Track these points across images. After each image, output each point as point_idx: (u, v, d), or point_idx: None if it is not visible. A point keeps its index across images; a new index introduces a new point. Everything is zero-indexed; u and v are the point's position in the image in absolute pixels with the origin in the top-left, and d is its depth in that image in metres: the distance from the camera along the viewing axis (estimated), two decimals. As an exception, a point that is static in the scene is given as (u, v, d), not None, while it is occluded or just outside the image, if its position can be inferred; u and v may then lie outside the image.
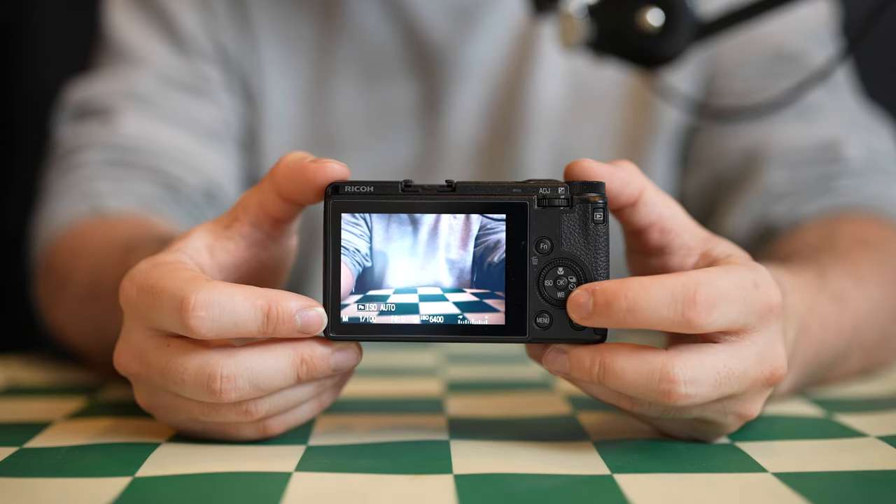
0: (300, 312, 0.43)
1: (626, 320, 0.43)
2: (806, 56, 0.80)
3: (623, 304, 0.43)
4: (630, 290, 0.43)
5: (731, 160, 0.81)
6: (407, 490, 0.42)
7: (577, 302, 0.44)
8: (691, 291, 0.43)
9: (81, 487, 0.42)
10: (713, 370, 0.44)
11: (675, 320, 0.43)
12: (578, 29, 0.67)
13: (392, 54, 0.85)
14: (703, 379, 0.43)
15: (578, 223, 0.46)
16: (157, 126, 0.81)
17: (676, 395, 0.43)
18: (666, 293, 0.43)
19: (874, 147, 0.78)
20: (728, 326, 0.44)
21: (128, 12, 0.86)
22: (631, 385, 0.44)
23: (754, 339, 0.45)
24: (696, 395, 0.43)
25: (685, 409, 0.45)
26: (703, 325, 0.43)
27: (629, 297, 0.43)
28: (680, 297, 0.43)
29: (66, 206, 0.78)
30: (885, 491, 0.42)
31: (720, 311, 0.43)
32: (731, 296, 0.44)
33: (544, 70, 0.84)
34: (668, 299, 0.43)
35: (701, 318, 0.43)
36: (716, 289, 0.43)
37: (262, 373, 0.44)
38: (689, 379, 0.43)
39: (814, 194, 0.76)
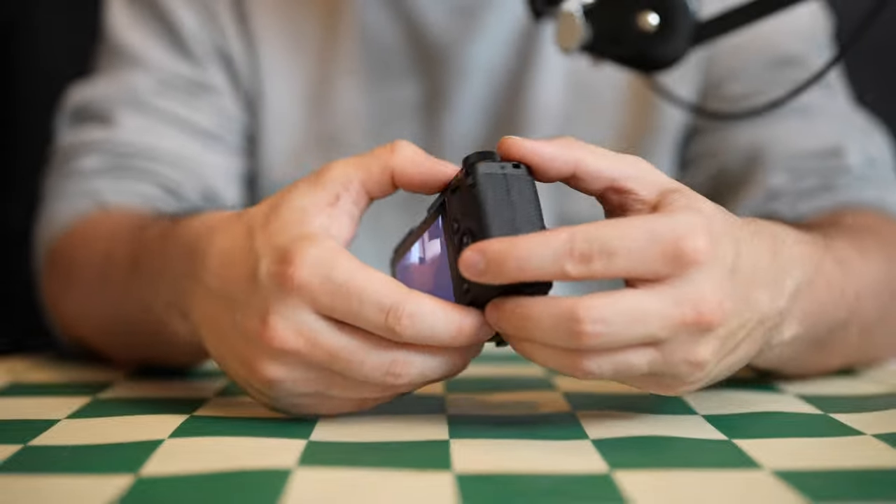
0: (479, 329, 0.47)
1: (517, 277, 0.45)
2: (805, 61, 0.81)
3: (512, 264, 0.45)
4: (517, 249, 0.45)
5: (733, 160, 0.81)
6: (407, 487, 0.42)
7: (468, 261, 0.46)
8: (567, 245, 0.45)
9: (85, 485, 0.43)
10: (623, 308, 0.45)
11: (559, 276, 0.45)
12: (577, 31, 0.67)
13: (395, 53, 0.85)
14: (612, 317, 0.44)
15: (468, 193, 0.47)
16: (157, 130, 0.81)
17: (585, 335, 0.44)
18: (548, 250, 0.45)
19: (872, 154, 0.78)
20: (624, 274, 0.45)
21: (128, 14, 0.86)
22: (544, 330, 0.45)
23: (672, 283, 0.46)
24: (606, 332, 0.44)
25: (610, 350, 0.46)
26: (577, 275, 0.45)
27: (516, 255, 0.45)
28: (560, 252, 0.44)
29: (67, 206, 0.78)
30: (880, 488, 0.43)
31: (602, 263, 0.45)
32: (613, 248, 0.45)
33: (547, 70, 0.85)
34: (550, 255, 0.45)
35: (576, 270, 0.45)
36: (594, 239, 0.45)
37: (431, 368, 0.48)
38: (597, 318, 0.44)
39: (815, 194, 0.76)
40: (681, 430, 0.51)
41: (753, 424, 0.52)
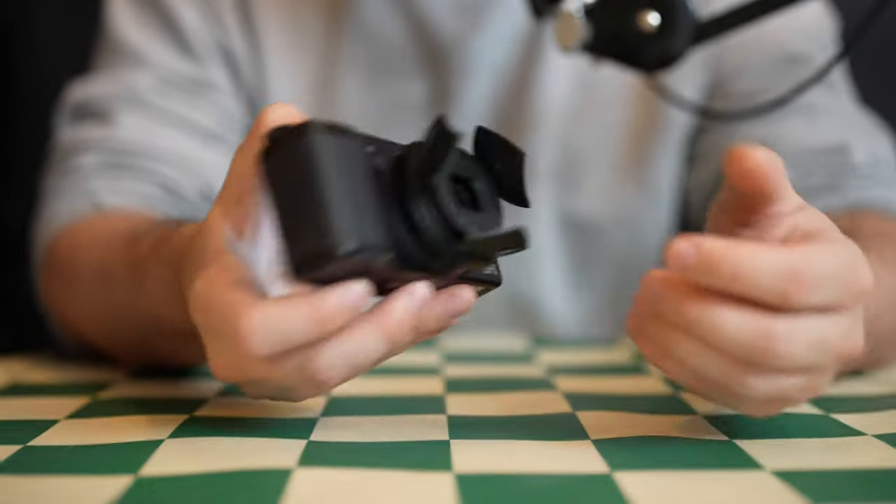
0: (345, 298, 0.43)
1: (727, 283, 0.43)
2: (811, 59, 0.81)
3: (727, 268, 0.42)
4: (737, 254, 0.43)
5: None
6: (407, 487, 0.42)
7: (680, 252, 0.43)
8: (797, 269, 0.43)
9: (85, 486, 0.43)
10: (811, 331, 0.43)
11: (777, 295, 0.43)
12: (577, 30, 0.67)
13: (400, 51, 0.85)
14: (802, 338, 0.43)
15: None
16: (156, 128, 0.81)
17: (775, 355, 0.43)
18: (773, 266, 0.43)
19: (877, 153, 0.78)
20: (822, 306, 0.44)
21: (129, 11, 0.85)
22: (731, 335, 0.43)
23: (845, 315, 0.45)
24: (794, 353, 0.43)
25: (780, 372, 0.44)
26: (803, 303, 0.43)
27: (734, 260, 0.42)
28: (786, 274, 0.43)
29: (65, 205, 0.78)
30: (882, 489, 0.43)
31: (820, 293, 0.43)
32: (832, 277, 0.43)
33: (551, 67, 0.84)
34: (773, 273, 0.43)
35: (801, 298, 0.43)
36: (821, 270, 0.43)
37: (357, 353, 0.45)
38: (790, 340, 0.43)
39: (821, 193, 0.76)
40: (682, 430, 0.51)
41: (754, 425, 0.52)
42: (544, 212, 0.86)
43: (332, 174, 0.43)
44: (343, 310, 0.43)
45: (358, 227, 0.43)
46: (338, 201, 0.43)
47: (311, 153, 0.43)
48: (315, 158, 0.43)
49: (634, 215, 0.86)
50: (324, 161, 0.43)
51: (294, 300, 0.44)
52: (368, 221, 0.44)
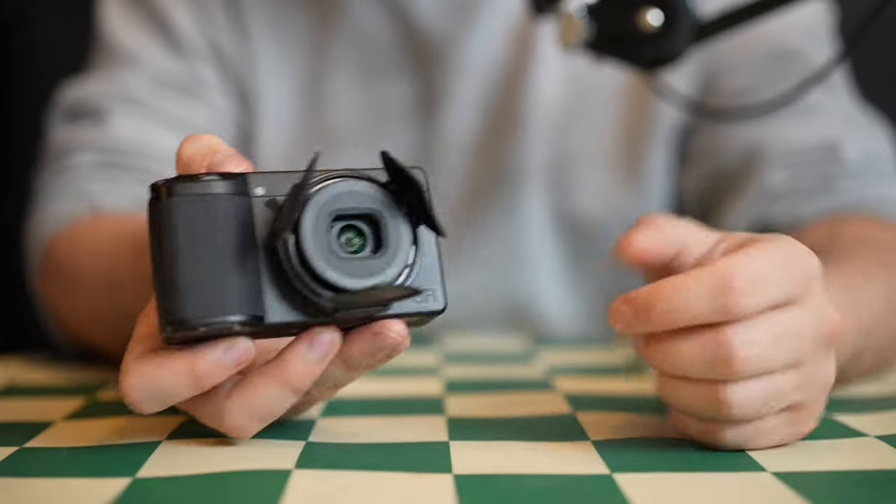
0: (226, 355, 0.43)
1: (667, 321, 0.43)
2: (804, 55, 0.81)
3: (661, 308, 0.43)
4: (664, 292, 0.43)
5: (731, 158, 0.81)
6: (407, 489, 0.42)
7: (618, 314, 0.44)
8: (726, 279, 0.43)
9: (82, 488, 0.42)
10: (767, 327, 0.43)
11: (717, 311, 0.43)
12: (578, 29, 0.67)
13: (389, 50, 0.85)
14: (759, 338, 0.43)
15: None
16: (150, 128, 0.81)
17: (736, 362, 0.43)
18: (701, 286, 0.43)
19: (871, 149, 0.78)
20: (771, 303, 0.44)
21: (122, 12, 0.85)
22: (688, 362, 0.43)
23: (802, 304, 0.45)
24: (757, 355, 0.43)
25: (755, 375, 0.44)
26: (745, 307, 0.43)
27: (663, 298, 0.43)
28: (716, 287, 0.43)
29: (62, 206, 0.77)
30: (884, 490, 0.42)
31: (760, 292, 0.43)
32: (766, 274, 0.43)
33: (542, 66, 0.84)
34: (704, 292, 0.43)
35: (742, 303, 0.43)
36: (750, 270, 0.43)
37: (262, 407, 0.45)
38: (745, 343, 0.43)
39: (813, 195, 0.76)
40: (682, 431, 0.51)
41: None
42: (538, 211, 0.86)
43: (180, 242, 0.42)
44: (221, 367, 0.43)
45: (204, 298, 0.42)
46: (184, 273, 0.42)
47: (163, 217, 0.43)
48: (165, 223, 0.43)
49: (628, 214, 0.86)
50: (173, 227, 0.42)
51: (172, 356, 0.43)
52: (223, 291, 0.42)
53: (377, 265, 0.44)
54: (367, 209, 0.44)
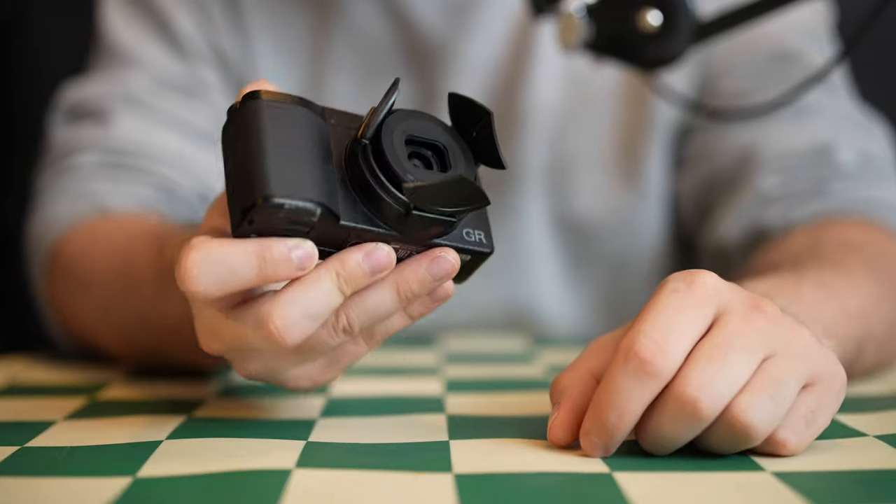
0: (293, 251, 0.44)
1: (627, 422, 0.44)
2: (803, 56, 0.80)
3: (612, 418, 0.44)
4: (603, 403, 0.44)
5: (725, 160, 0.81)
6: (407, 488, 0.42)
7: (592, 448, 0.46)
8: (632, 358, 0.44)
9: (83, 487, 0.42)
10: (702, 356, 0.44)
11: (651, 387, 0.44)
12: (578, 30, 0.67)
13: (387, 51, 0.85)
14: (704, 371, 0.43)
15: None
16: (152, 129, 0.81)
17: (700, 403, 0.43)
18: (624, 377, 0.44)
19: (868, 150, 0.78)
20: (689, 345, 0.44)
21: (123, 13, 0.85)
22: (671, 427, 0.44)
23: (719, 323, 0.45)
24: (711, 394, 0.43)
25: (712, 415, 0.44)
26: (666, 369, 0.43)
27: (606, 409, 0.44)
28: (633, 369, 0.43)
29: (66, 206, 0.77)
30: (883, 490, 0.42)
31: (669, 343, 0.44)
32: (671, 326, 0.44)
33: (541, 67, 0.84)
34: (630, 381, 0.44)
35: (659, 365, 0.43)
36: (645, 333, 0.44)
37: (311, 302, 0.45)
38: (698, 385, 0.43)
39: (806, 198, 0.76)
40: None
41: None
42: (537, 213, 0.86)
43: (268, 134, 0.44)
44: (287, 260, 0.44)
45: (290, 181, 0.43)
46: (271, 158, 0.44)
47: (250, 115, 0.45)
48: (252, 119, 0.45)
49: (626, 215, 0.86)
50: (261, 122, 0.44)
51: (239, 241, 0.44)
52: (307, 179, 0.44)
53: None
54: (435, 140, 0.48)
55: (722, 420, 0.44)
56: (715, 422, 0.44)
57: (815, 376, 0.46)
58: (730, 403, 0.43)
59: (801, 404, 0.45)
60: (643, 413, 0.45)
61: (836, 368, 0.47)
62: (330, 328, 0.47)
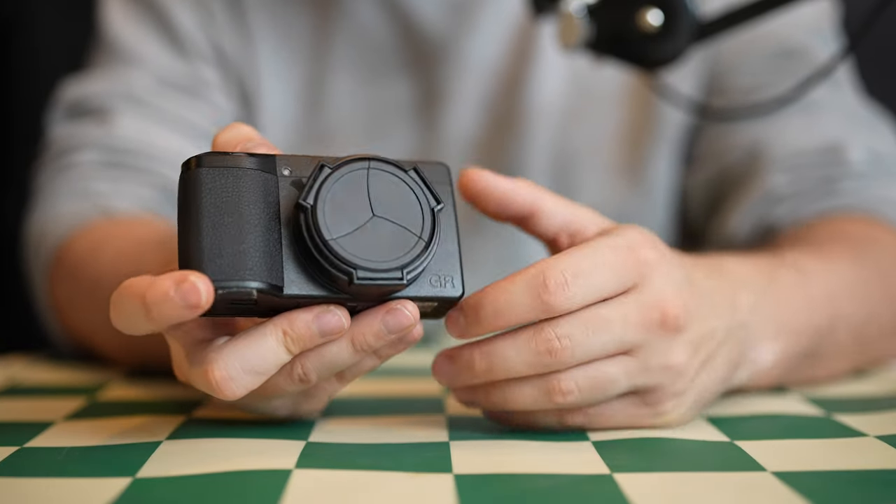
0: (177, 287, 0.41)
1: (496, 323, 0.47)
2: (808, 52, 0.80)
3: (488, 310, 0.46)
4: (489, 295, 0.47)
5: (735, 157, 0.81)
6: (407, 488, 0.42)
7: (451, 320, 0.48)
8: (541, 278, 0.46)
9: (82, 488, 0.42)
10: (584, 319, 0.46)
11: (537, 309, 0.46)
12: (578, 29, 0.67)
13: (389, 51, 0.85)
14: (574, 330, 0.46)
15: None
16: (153, 128, 0.81)
17: (554, 351, 0.46)
18: (520, 287, 0.46)
19: (877, 148, 0.78)
20: (595, 297, 0.47)
21: (124, 11, 0.85)
22: (512, 360, 0.47)
23: (632, 293, 0.48)
24: (576, 345, 0.46)
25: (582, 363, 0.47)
26: (562, 305, 0.46)
27: (489, 301, 0.46)
28: (534, 287, 0.46)
29: (67, 206, 0.77)
30: (883, 490, 0.42)
31: (576, 288, 0.46)
32: (585, 270, 0.46)
33: (544, 66, 0.84)
34: (524, 292, 0.46)
35: (558, 300, 0.46)
36: (565, 267, 0.46)
37: (253, 358, 0.44)
38: (561, 333, 0.46)
39: (815, 197, 0.76)
40: (682, 431, 0.51)
41: (755, 426, 0.52)
42: None
43: (204, 208, 0.43)
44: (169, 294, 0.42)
45: (225, 261, 0.43)
46: (207, 237, 0.43)
47: (190, 186, 0.44)
48: (192, 191, 0.44)
49: (631, 215, 0.86)
50: (200, 194, 0.44)
51: (139, 280, 0.43)
52: (244, 257, 0.43)
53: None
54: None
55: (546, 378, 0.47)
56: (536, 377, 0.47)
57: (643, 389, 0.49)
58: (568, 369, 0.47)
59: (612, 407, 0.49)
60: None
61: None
62: (286, 376, 0.46)
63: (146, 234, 0.69)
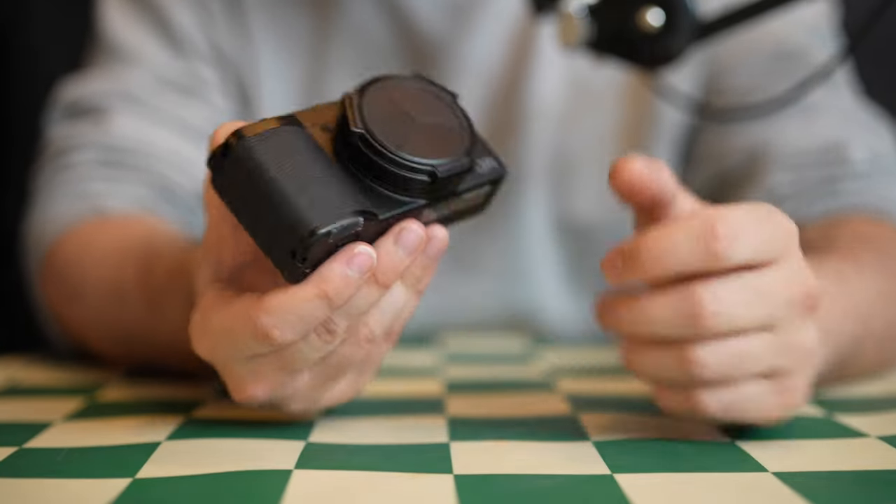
0: (350, 266, 0.43)
1: (654, 269, 0.45)
2: (807, 53, 0.80)
3: (649, 254, 0.45)
4: (651, 240, 0.45)
5: (735, 159, 0.81)
6: (407, 489, 0.42)
7: (609, 263, 0.46)
8: (710, 226, 0.44)
9: (81, 488, 0.42)
10: (740, 284, 0.45)
11: (701, 257, 0.44)
12: (578, 29, 0.67)
13: (388, 52, 0.85)
14: (730, 294, 0.44)
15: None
16: (151, 128, 0.81)
17: (705, 317, 0.44)
18: (686, 233, 0.44)
19: (877, 148, 0.78)
20: (753, 257, 0.45)
21: (122, 11, 0.85)
22: (660, 318, 0.45)
23: (780, 264, 0.46)
24: (727, 311, 0.44)
25: (723, 335, 0.45)
26: (729, 255, 0.44)
27: (650, 245, 0.45)
28: (701, 234, 0.44)
29: (63, 206, 0.77)
30: (885, 491, 0.42)
31: (743, 242, 0.44)
32: (749, 226, 0.45)
33: (543, 67, 0.84)
34: (689, 239, 0.44)
35: (726, 250, 0.44)
36: (734, 220, 0.45)
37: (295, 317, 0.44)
38: (715, 299, 0.44)
39: (817, 197, 0.76)
40: (683, 432, 0.51)
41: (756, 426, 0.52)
42: (538, 215, 0.86)
43: (272, 169, 0.43)
44: (348, 280, 0.43)
45: (321, 205, 0.43)
46: (291, 191, 0.43)
47: (244, 158, 0.44)
48: (248, 161, 0.44)
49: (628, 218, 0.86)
50: (259, 160, 0.44)
51: (298, 289, 0.44)
52: (332, 195, 0.44)
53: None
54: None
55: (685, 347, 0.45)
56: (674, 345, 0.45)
57: (776, 374, 0.47)
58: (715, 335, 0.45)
59: (743, 389, 0.46)
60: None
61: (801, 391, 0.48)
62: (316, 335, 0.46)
63: (130, 241, 0.69)
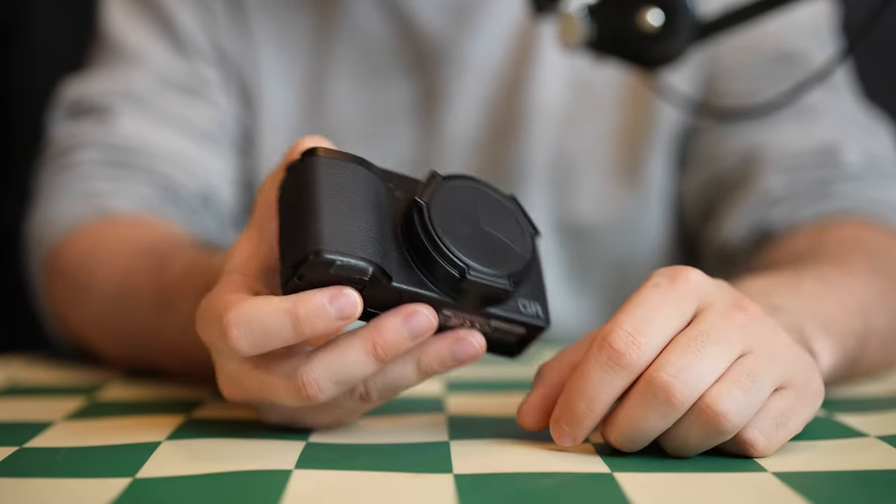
0: (333, 301, 0.43)
1: (595, 412, 0.45)
2: (806, 56, 0.80)
3: (580, 405, 0.45)
4: (572, 391, 0.45)
5: (730, 162, 0.81)
6: (407, 489, 0.42)
7: (559, 434, 0.46)
8: (606, 347, 0.45)
9: (82, 488, 0.42)
10: (680, 349, 0.44)
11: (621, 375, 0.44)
12: (578, 29, 0.67)
13: (390, 52, 0.85)
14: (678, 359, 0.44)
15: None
16: (154, 127, 0.81)
17: (673, 390, 0.43)
18: (594, 367, 0.45)
19: (873, 150, 0.77)
20: (668, 336, 0.45)
21: (125, 11, 0.85)
22: (644, 416, 0.45)
23: (703, 312, 0.46)
24: (687, 376, 0.43)
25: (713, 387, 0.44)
26: (638, 362, 0.44)
27: (574, 396, 0.45)
28: (605, 360, 0.44)
29: (66, 206, 0.77)
30: (885, 491, 0.42)
31: (645, 336, 0.44)
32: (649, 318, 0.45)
33: (544, 69, 0.84)
34: (601, 370, 0.44)
35: (633, 360, 0.44)
36: (620, 325, 0.45)
37: (341, 368, 0.44)
38: (671, 372, 0.44)
39: (811, 199, 0.76)
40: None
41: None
42: (538, 215, 0.86)
43: (323, 190, 0.44)
44: (323, 314, 0.43)
45: (343, 237, 0.43)
46: (326, 213, 0.44)
47: (307, 171, 0.45)
48: (309, 175, 0.45)
49: (629, 217, 0.86)
50: (317, 177, 0.45)
51: (274, 299, 0.44)
52: (360, 237, 0.44)
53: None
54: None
55: (694, 410, 0.44)
56: (687, 413, 0.44)
57: (789, 379, 0.46)
58: (703, 393, 0.43)
59: (773, 405, 0.45)
60: (616, 405, 0.45)
61: (811, 375, 0.47)
62: (348, 393, 0.46)
63: (140, 243, 0.69)
